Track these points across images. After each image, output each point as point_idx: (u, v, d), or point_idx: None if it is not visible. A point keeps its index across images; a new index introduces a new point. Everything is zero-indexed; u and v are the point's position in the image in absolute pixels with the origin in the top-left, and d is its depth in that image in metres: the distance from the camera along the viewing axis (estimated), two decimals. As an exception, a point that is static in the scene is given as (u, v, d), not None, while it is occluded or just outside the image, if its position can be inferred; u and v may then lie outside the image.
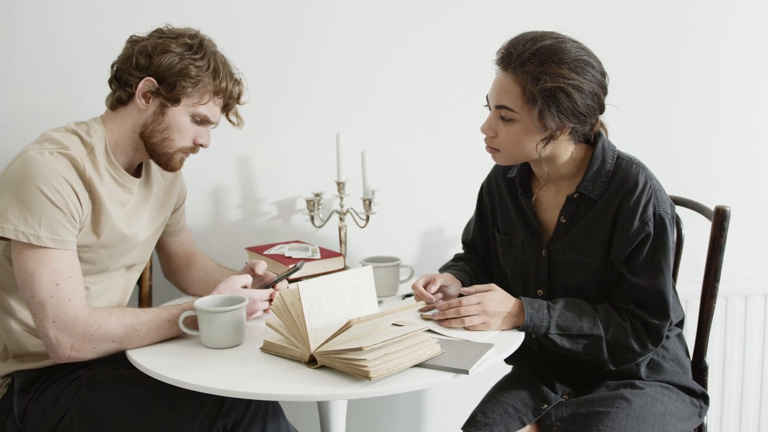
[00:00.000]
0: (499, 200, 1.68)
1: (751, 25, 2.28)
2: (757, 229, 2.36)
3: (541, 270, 1.57)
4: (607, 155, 1.51)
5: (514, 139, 1.46)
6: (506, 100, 1.44)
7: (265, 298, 1.54)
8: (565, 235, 1.54)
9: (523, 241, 1.61)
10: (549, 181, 1.56)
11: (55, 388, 1.45)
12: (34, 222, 1.34)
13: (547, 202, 1.59)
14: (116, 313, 1.41)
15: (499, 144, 1.49)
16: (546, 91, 1.39)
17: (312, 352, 1.29)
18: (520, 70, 1.41)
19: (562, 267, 1.54)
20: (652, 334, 1.46)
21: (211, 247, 2.01)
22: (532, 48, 1.41)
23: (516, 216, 1.63)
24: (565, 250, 1.53)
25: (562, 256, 1.54)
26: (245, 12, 1.97)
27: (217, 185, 2.02)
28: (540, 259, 1.57)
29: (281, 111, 2.03)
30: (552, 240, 1.56)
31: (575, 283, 1.53)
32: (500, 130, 1.47)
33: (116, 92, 1.51)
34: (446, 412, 2.31)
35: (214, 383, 1.24)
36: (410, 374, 1.25)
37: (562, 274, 1.54)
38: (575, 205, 1.52)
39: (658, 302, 1.46)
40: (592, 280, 1.51)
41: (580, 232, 1.52)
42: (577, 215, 1.53)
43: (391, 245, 2.14)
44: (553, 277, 1.56)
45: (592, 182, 1.50)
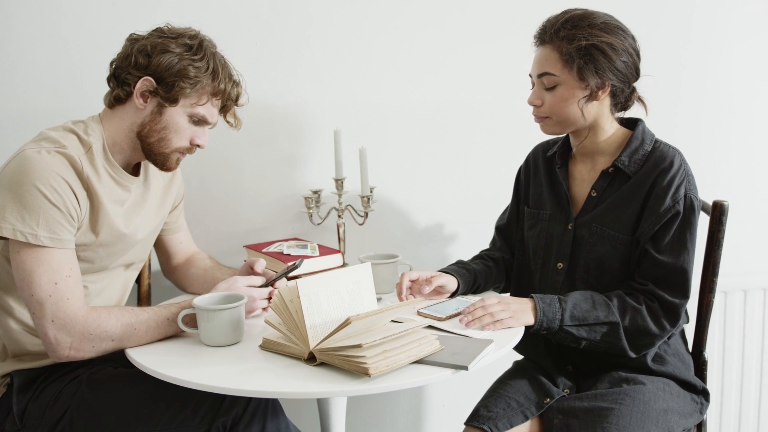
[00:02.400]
0: (534, 177, 1.75)
1: (750, 21, 2.28)
2: (756, 224, 2.36)
3: (565, 243, 1.61)
4: (647, 137, 1.58)
5: (559, 102, 1.54)
6: (546, 67, 1.53)
7: (264, 296, 1.53)
8: (594, 209, 1.59)
9: (551, 215, 1.67)
10: (586, 155, 1.63)
11: (54, 388, 1.45)
12: (32, 221, 1.34)
13: (580, 177, 1.65)
14: (115, 311, 1.40)
15: (545, 111, 1.57)
16: (581, 49, 1.49)
17: (311, 350, 1.29)
18: (555, 38, 1.52)
19: (587, 240, 1.58)
20: (670, 313, 1.49)
21: (209, 245, 2.01)
22: (563, 18, 1.53)
23: (548, 190, 1.69)
24: (592, 223, 1.58)
25: (588, 229, 1.58)
26: (244, 9, 1.96)
27: (216, 183, 2.02)
28: (565, 233, 1.62)
29: (280, 107, 2.02)
30: (580, 214, 1.61)
31: (598, 256, 1.56)
32: (545, 98, 1.56)
33: (114, 90, 1.51)
34: (446, 408, 2.31)
35: (213, 381, 1.24)
36: (410, 371, 1.25)
37: (586, 247, 1.58)
38: (608, 179, 1.58)
39: (680, 280, 1.49)
40: (615, 255, 1.55)
41: (609, 206, 1.56)
42: (609, 190, 1.58)
43: (390, 242, 2.14)
44: (576, 250, 1.60)
45: (629, 158, 1.56)
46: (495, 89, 2.15)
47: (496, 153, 2.17)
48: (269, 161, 2.04)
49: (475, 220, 2.20)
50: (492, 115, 2.16)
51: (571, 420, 1.46)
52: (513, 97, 2.16)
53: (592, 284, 1.57)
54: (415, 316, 1.53)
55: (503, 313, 1.47)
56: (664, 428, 1.43)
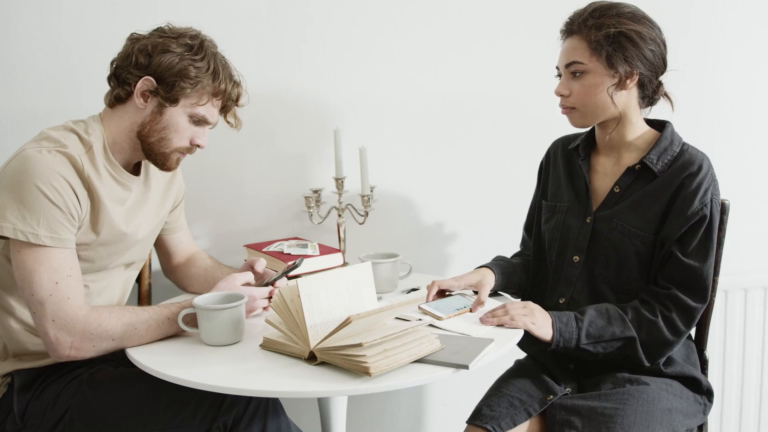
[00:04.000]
0: (554, 171, 1.74)
1: (749, 19, 2.28)
2: (757, 222, 2.36)
3: (583, 236, 1.60)
4: (675, 139, 1.58)
5: (587, 90, 1.53)
6: (574, 56, 1.53)
7: (265, 295, 1.54)
8: (616, 204, 1.57)
9: (568, 207, 1.66)
10: (611, 149, 1.62)
11: (55, 387, 1.45)
12: (33, 220, 1.34)
13: (602, 171, 1.63)
14: (115, 311, 1.40)
15: (573, 101, 1.55)
16: (610, 36, 1.49)
17: (312, 349, 1.29)
18: (582, 27, 1.52)
19: (606, 235, 1.57)
20: (687, 318, 1.49)
21: (210, 245, 2.01)
22: (590, 8, 1.54)
23: (566, 183, 1.68)
24: (612, 219, 1.56)
25: (608, 224, 1.57)
26: (243, 9, 1.96)
27: (216, 182, 2.02)
28: (583, 226, 1.61)
29: (280, 107, 2.03)
30: (600, 208, 1.60)
31: (617, 252, 1.55)
32: (573, 87, 1.55)
33: (115, 90, 1.51)
34: (447, 408, 2.31)
35: (214, 381, 1.24)
36: (410, 370, 1.25)
37: (604, 242, 1.57)
38: (634, 176, 1.57)
39: (702, 285, 1.49)
40: (635, 252, 1.54)
41: (632, 204, 1.55)
42: (633, 187, 1.57)
43: (390, 241, 2.14)
44: (594, 244, 1.59)
45: (657, 156, 1.55)
46: (495, 87, 2.14)
47: (497, 151, 2.17)
48: (269, 161, 2.04)
49: (476, 219, 2.20)
50: (492, 114, 2.16)
51: (573, 417, 1.45)
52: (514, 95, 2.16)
53: (610, 279, 1.57)
54: (415, 314, 1.52)
55: (526, 318, 1.48)
56: (668, 428, 1.43)
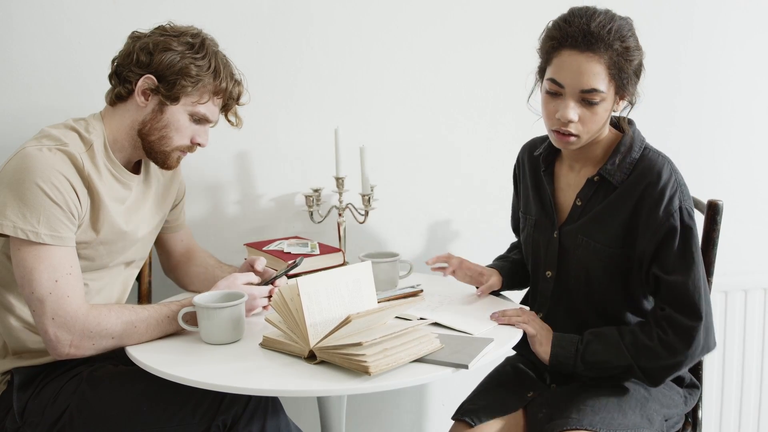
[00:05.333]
0: (523, 179, 1.68)
1: (751, 21, 2.28)
2: (757, 223, 2.36)
3: (552, 252, 1.55)
4: (635, 144, 1.49)
5: (600, 120, 1.44)
6: (596, 83, 1.40)
7: (265, 294, 1.54)
8: (579, 219, 1.52)
9: (536, 221, 1.60)
10: (574, 159, 1.54)
11: (54, 385, 1.45)
12: (33, 219, 1.34)
13: (566, 183, 1.57)
14: (115, 309, 1.41)
15: (581, 129, 1.44)
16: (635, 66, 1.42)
17: (311, 348, 1.29)
18: (606, 49, 1.39)
19: (573, 251, 1.51)
20: (685, 338, 1.40)
21: (210, 244, 2.01)
22: (612, 26, 1.40)
23: (534, 194, 1.62)
24: (577, 234, 1.51)
25: (573, 240, 1.51)
26: (244, 8, 1.96)
27: (216, 181, 2.02)
28: (551, 241, 1.55)
29: (280, 106, 2.02)
30: (566, 222, 1.54)
31: (584, 267, 1.50)
32: (584, 115, 1.43)
33: (116, 88, 1.51)
34: (446, 407, 2.31)
35: (213, 379, 1.24)
36: (410, 369, 1.25)
37: (573, 258, 1.52)
38: (594, 188, 1.50)
39: (691, 302, 1.40)
40: (601, 267, 1.49)
41: (595, 217, 1.49)
42: (594, 200, 1.50)
43: (390, 241, 2.14)
44: (563, 260, 1.54)
45: (614, 166, 1.47)
46: (495, 87, 2.14)
47: (497, 151, 2.17)
48: (270, 159, 2.04)
49: (476, 219, 2.20)
50: (492, 113, 2.16)
51: (554, 412, 1.46)
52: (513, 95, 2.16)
53: (585, 294, 1.53)
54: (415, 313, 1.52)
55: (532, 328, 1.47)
56: (642, 415, 1.42)
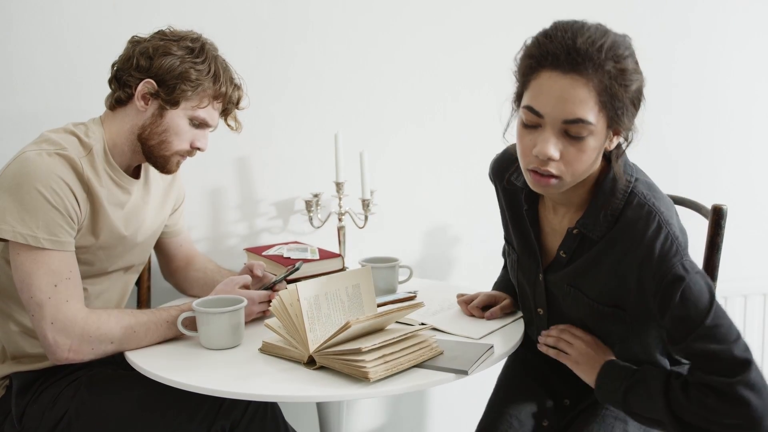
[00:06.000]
0: (499, 202, 1.52)
1: (749, 25, 2.28)
2: (756, 228, 2.36)
3: (539, 293, 1.41)
4: (618, 187, 1.23)
5: (587, 159, 1.18)
6: (583, 112, 1.13)
7: (264, 299, 1.54)
8: (564, 268, 1.33)
9: (519, 259, 1.43)
10: (557, 203, 1.33)
11: (53, 390, 1.44)
12: (32, 223, 1.34)
13: (550, 228, 1.37)
14: (114, 314, 1.40)
15: (563, 170, 1.19)
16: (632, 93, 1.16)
17: (311, 353, 1.29)
18: (596, 71, 1.12)
19: (563, 299, 1.36)
20: (733, 401, 1.15)
21: (209, 248, 2.01)
22: (604, 42, 1.13)
23: (514, 228, 1.43)
24: (563, 284, 1.34)
25: (560, 289, 1.36)
26: (243, 12, 1.97)
27: (216, 186, 2.02)
28: (537, 283, 1.40)
29: (280, 111, 2.03)
30: (550, 269, 1.36)
31: (579, 317, 1.36)
32: (568, 152, 1.17)
33: (115, 92, 1.51)
34: (446, 412, 2.31)
35: (212, 384, 1.24)
36: (409, 375, 1.25)
37: (564, 305, 1.38)
38: (576, 241, 1.30)
39: (732, 364, 1.17)
40: (598, 320, 1.32)
41: (581, 270, 1.31)
42: (578, 252, 1.31)
43: (390, 246, 2.14)
44: (553, 302, 1.40)
45: (593, 220, 1.26)
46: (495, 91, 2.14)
47: (497, 157, 2.17)
48: (269, 164, 2.04)
49: (475, 224, 2.20)
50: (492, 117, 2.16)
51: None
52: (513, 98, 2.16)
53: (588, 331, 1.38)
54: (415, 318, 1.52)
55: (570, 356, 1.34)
56: None
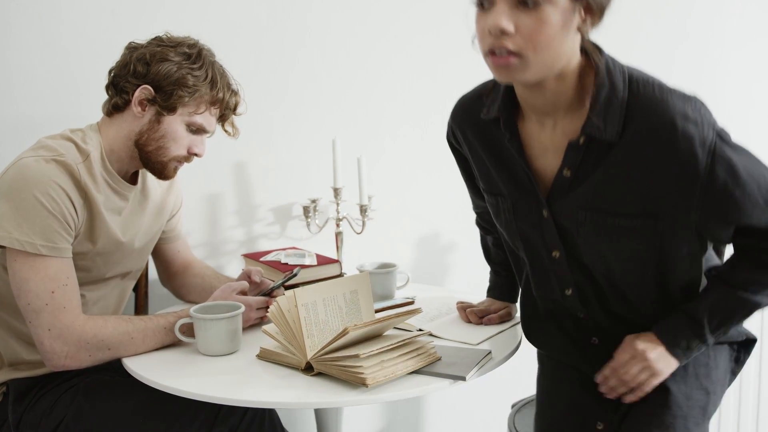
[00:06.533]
0: (470, 152, 1.31)
1: (748, 28, 2.29)
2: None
3: (550, 235, 1.20)
4: (616, 78, 1.10)
5: (550, 33, 1.03)
6: None
7: (262, 305, 1.53)
8: (572, 191, 1.15)
9: (513, 204, 1.23)
10: (544, 114, 1.16)
11: (50, 397, 1.44)
12: (29, 229, 1.34)
13: (541, 148, 1.18)
14: (112, 320, 1.40)
15: (522, 44, 1.04)
16: None
17: (308, 359, 1.28)
18: None
19: (578, 231, 1.16)
20: None
21: (207, 254, 2.01)
22: None
23: (498, 169, 1.24)
24: (577, 211, 1.15)
25: (573, 219, 1.15)
26: (242, 18, 1.97)
27: (213, 192, 2.02)
28: (544, 223, 1.19)
29: (278, 117, 2.03)
30: (553, 197, 1.17)
31: (599, 250, 1.16)
32: (524, 24, 1.03)
33: (113, 99, 1.51)
34: (444, 418, 2.30)
35: (210, 391, 1.23)
36: (407, 381, 1.25)
37: (581, 240, 1.17)
38: (581, 153, 1.13)
39: None
40: (622, 245, 1.14)
41: (597, 186, 1.12)
42: (587, 165, 1.13)
43: (388, 251, 2.14)
44: (568, 240, 1.19)
45: (602, 118, 1.09)
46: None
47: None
48: (267, 170, 2.04)
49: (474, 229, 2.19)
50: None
51: None
52: None
53: (613, 275, 1.19)
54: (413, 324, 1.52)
55: (643, 374, 1.19)
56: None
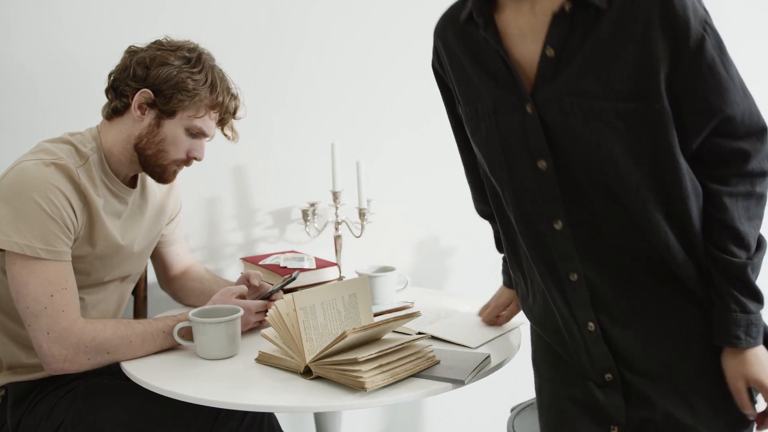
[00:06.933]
0: (452, 65, 1.19)
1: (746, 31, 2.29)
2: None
3: (534, 135, 1.06)
4: None
5: None
6: None
7: (261, 308, 1.53)
8: (557, 74, 1.03)
9: (494, 105, 1.10)
10: None
11: (49, 400, 1.44)
12: (29, 233, 1.34)
13: (519, 32, 1.08)
14: (110, 324, 1.40)
15: None
16: None
17: (307, 363, 1.28)
18: None
19: (565, 126, 1.03)
20: None
21: (206, 257, 2.01)
22: None
23: (477, 71, 1.13)
24: (562, 97, 1.03)
25: (559, 108, 1.03)
26: (241, 22, 1.97)
27: (213, 195, 2.02)
28: (527, 121, 1.06)
29: (277, 120, 2.03)
30: (538, 86, 1.05)
31: (587, 146, 1.03)
32: None
33: (112, 102, 1.51)
34: (443, 422, 2.30)
35: (208, 395, 1.23)
36: (406, 385, 1.25)
37: (568, 137, 1.04)
38: (567, 25, 1.02)
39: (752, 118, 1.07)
40: (617, 139, 1.01)
41: (583, 66, 1.02)
42: (573, 42, 1.03)
43: (387, 255, 2.14)
44: (556, 143, 1.06)
45: None
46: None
47: (493, 166, 2.17)
48: (266, 173, 2.05)
49: (473, 232, 2.19)
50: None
51: None
52: None
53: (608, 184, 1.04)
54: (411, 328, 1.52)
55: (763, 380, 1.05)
56: None
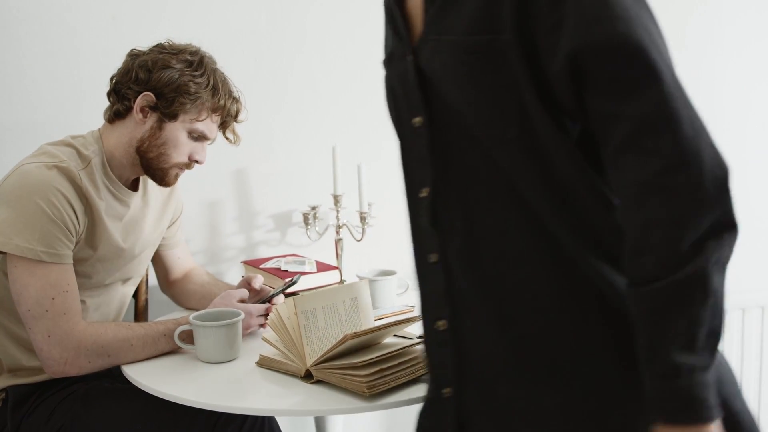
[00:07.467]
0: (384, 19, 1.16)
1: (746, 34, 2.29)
2: (753, 240, 2.36)
3: (411, 88, 0.98)
4: None
5: None
6: None
7: (262, 312, 1.53)
8: (436, 23, 0.92)
9: (390, 52, 1.07)
10: None
11: (49, 404, 1.44)
12: (30, 236, 1.34)
13: None
14: (111, 327, 1.40)
15: None
16: None
17: (308, 367, 1.28)
18: None
19: (434, 75, 0.92)
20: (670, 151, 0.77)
21: (207, 261, 2.00)
22: None
23: (387, 24, 1.12)
24: (429, 41, 0.92)
25: (428, 52, 0.92)
26: (242, 25, 1.97)
27: (214, 198, 2.02)
28: (408, 70, 0.98)
29: (278, 124, 2.03)
30: (422, 34, 0.94)
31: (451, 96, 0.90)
32: None
33: (114, 105, 1.51)
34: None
35: (209, 398, 1.23)
36: (407, 389, 1.25)
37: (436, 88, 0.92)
38: None
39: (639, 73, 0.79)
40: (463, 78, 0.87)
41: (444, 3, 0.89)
42: None
43: (388, 259, 2.13)
44: (429, 100, 0.95)
45: None
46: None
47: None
48: (267, 176, 2.05)
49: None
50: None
51: None
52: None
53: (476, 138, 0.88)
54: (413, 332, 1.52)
55: None
56: None
